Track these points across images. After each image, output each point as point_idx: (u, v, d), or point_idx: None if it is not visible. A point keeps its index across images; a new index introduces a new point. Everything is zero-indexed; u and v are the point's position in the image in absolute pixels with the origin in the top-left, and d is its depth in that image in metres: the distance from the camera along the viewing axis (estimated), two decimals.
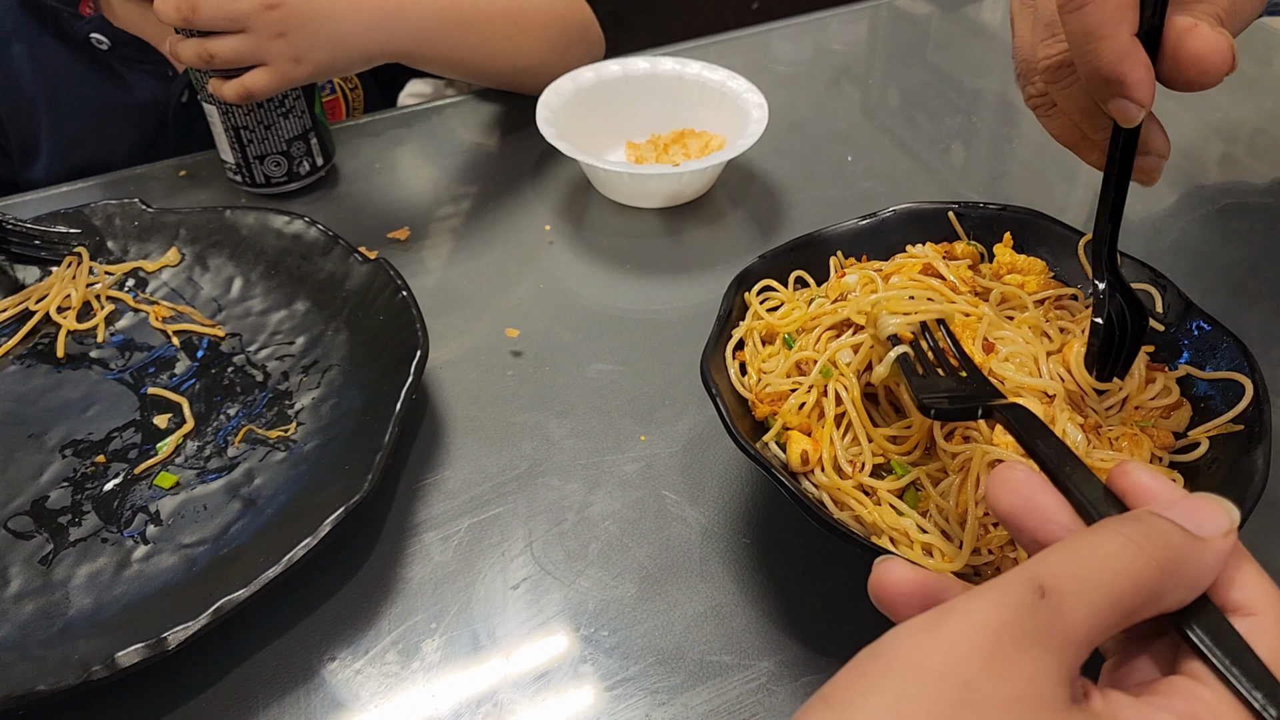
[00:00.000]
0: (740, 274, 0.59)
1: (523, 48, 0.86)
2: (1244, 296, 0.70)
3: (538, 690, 0.48)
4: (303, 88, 0.77)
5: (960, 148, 0.88)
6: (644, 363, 0.66)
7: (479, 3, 0.82)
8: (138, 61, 0.85)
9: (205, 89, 0.75)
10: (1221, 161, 0.84)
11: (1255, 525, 0.53)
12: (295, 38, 0.71)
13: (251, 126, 0.76)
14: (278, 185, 0.80)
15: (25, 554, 0.54)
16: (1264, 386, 0.51)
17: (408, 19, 0.77)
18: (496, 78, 0.89)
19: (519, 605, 0.52)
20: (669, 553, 0.54)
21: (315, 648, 0.50)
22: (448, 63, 0.83)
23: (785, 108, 0.89)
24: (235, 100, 0.72)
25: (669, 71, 0.85)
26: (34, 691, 0.44)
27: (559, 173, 0.83)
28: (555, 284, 0.73)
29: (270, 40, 0.71)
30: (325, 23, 0.73)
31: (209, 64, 0.71)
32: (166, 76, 0.85)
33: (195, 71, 0.74)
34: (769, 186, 0.82)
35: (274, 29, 0.70)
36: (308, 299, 0.67)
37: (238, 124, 0.76)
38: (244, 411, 0.61)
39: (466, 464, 0.59)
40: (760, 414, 0.54)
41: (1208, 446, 0.51)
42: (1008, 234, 0.62)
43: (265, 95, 0.73)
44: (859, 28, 1.06)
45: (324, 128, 0.81)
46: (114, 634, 0.48)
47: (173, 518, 0.55)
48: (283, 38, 0.71)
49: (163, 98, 0.85)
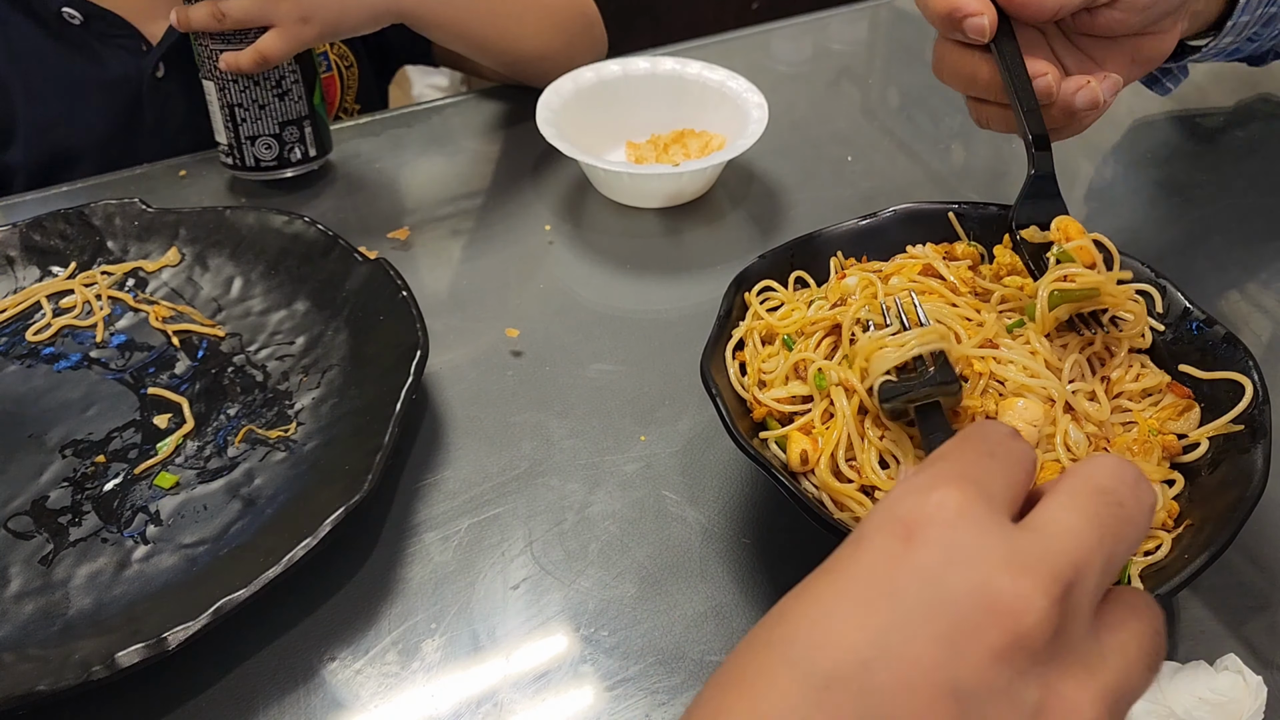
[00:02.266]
0: (740, 274, 0.59)
1: (529, 29, 0.87)
2: (1244, 296, 0.70)
3: (538, 690, 0.48)
4: (303, 73, 0.77)
5: (960, 148, 0.88)
6: (644, 363, 0.66)
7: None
8: (110, 36, 0.84)
9: (208, 63, 0.75)
10: (1220, 162, 0.84)
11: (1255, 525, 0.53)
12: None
13: (246, 105, 0.76)
14: (267, 170, 0.79)
15: (25, 554, 0.54)
16: (1264, 386, 0.51)
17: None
18: (499, 57, 0.89)
19: (519, 605, 0.52)
20: (669, 553, 0.54)
21: (315, 648, 0.50)
22: (453, 30, 0.84)
23: (785, 108, 0.89)
24: (252, 68, 0.73)
25: (669, 71, 0.85)
26: (34, 691, 0.44)
27: (559, 173, 0.83)
28: (555, 284, 0.73)
29: (278, 1, 0.72)
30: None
31: (221, 24, 0.72)
32: (140, 51, 0.85)
33: (200, 47, 0.75)
34: (769, 186, 0.82)
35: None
36: (308, 299, 0.67)
37: (232, 102, 0.76)
38: (244, 411, 0.61)
39: (466, 464, 0.59)
40: (760, 414, 0.54)
41: (1208, 446, 0.51)
42: (1007, 235, 0.62)
43: (280, 58, 0.74)
44: (859, 28, 1.06)
45: (321, 121, 0.80)
46: (114, 634, 0.48)
47: (173, 518, 0.55)
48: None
49: (135, 73, 0.85)
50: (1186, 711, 0.43)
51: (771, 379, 0.54)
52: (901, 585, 0.25)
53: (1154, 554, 0.47)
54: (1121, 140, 0.87)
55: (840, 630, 0.25)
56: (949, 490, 0.26)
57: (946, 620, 0.24)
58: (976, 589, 0.25)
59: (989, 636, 0.24)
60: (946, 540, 0.26)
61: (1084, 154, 0.86)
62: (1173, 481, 0.50)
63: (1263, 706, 0.44)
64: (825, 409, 0.52)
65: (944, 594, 0.25)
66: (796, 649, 0.25)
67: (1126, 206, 0.80)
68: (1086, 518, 0.27)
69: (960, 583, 0.25)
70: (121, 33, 0.85)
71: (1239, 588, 0.52)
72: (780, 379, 0.54)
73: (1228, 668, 0.45)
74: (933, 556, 0.25)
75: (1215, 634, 0.50)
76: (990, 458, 0.28)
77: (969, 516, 0.26)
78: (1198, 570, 0.44)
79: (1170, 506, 0.49)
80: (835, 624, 0.25)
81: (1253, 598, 0.51)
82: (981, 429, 0.30)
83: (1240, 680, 0.44)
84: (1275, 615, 0.51)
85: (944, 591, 0.25)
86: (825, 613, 0.26)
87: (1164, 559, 0.47)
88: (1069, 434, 0.49)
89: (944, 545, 0.26)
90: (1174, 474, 0.50)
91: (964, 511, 0.26)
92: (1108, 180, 0.84)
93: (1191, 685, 0.44)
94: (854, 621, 0.25)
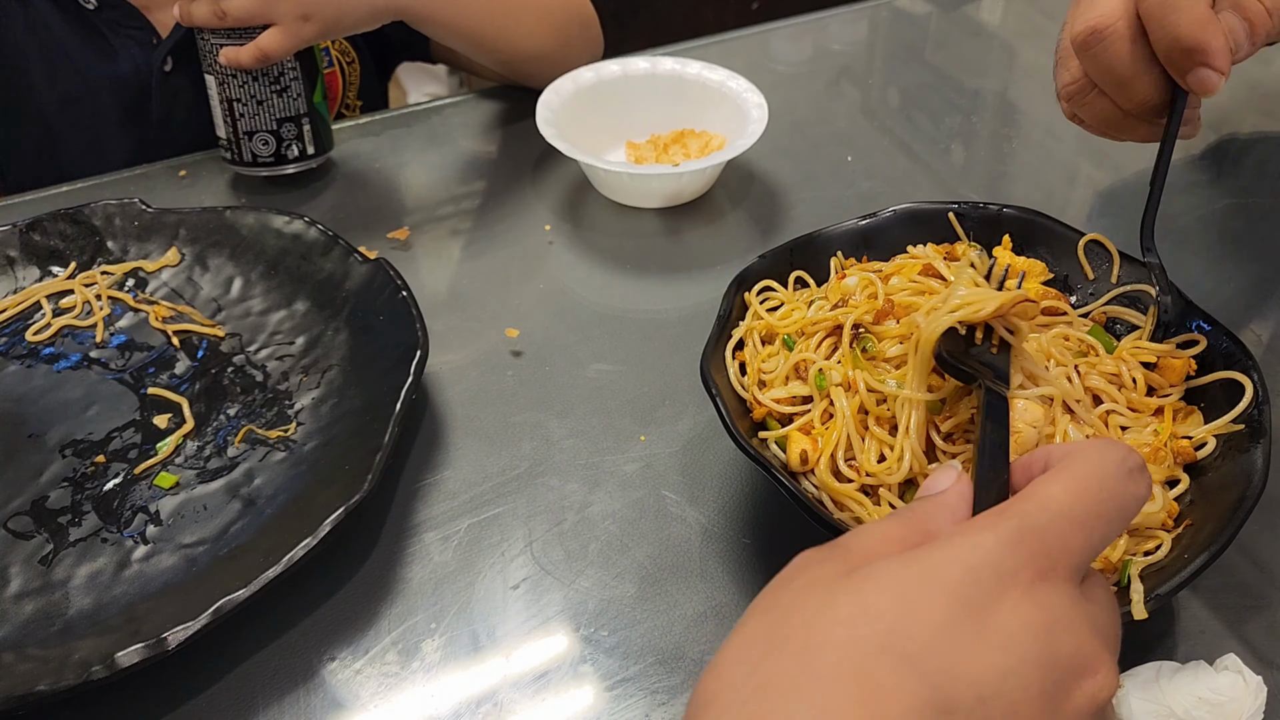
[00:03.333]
0: (740, 274, 0.59)
1: (527, 29, 0.87)
2: (1244, 296, 0.70)
3: (538, 690, 0.48)
4: (304, 70, 0.77)
5: (960, 148, 0.88)
6: (644, 363, 0.66)
7: None
8: (122, 25, 0.85)
9: (209, 57, 0.75)
10: (1221, 161, 0.84)
11: (1255, 525, 0.53)
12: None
13: (244, 100, 0.76)
14: (265, 165, 0.80)
15: (25, 554, 0.54)
16: (1264, 386, 0.51)
17: None
18: (496, 56, 0.89)
19: (519, 605, 0.52)
20: (669, 553, 0.54)
21: (315, 648, 0.50)
22: (452, 28, 0.84)
23: (785, 108, 0.89)
24: (252, 64, 0.74)
25: (669, 71, 0.85)
26: (34, 691, 0.44)
27: (559, 173, 0.83)
28: (555, 284, 0.73)
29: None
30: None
31: (222, 20, 0.72)
32: (150, 44, 0.85)
33: (202, 41, 0.75)
34: (769, 186, 0.82)
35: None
36: (308, 299, 0.67)
37: (232, 96, 0.76)
38: (244, 411, 0.61)
39: (466, 464, 0.59)
40: (760, 414, 0.54)
41: (1216, 444, 0.51)
42: (1007, 236, 0.62)
43: (280, 55, 0.74)
44: (859, 28, 1.06)
45: (321, 119, 0.80)
46: (114, 634, 0.48)
47: (173, 518, 0.55)
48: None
49: (144, 66, 0.85)
50: (1186, 711, 0.43)
51: (771, 379, 0.54)
52: (1013, 631, 0.28)
53: (1154, 554, 0.47)
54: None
55: (967, 664, 0.27)
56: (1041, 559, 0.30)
57: (1052, 676, 0.28)
58: (1074, 652, 0.28)
59: (1078, 697, 0.28)
60: (1043, 599, 0.29)
61: (1084, 154, 0.86)
62: (1177, 481, 0.50)
63: (1262, 706, 0.44)
64: (825, 409, 0.52)
65: (1049, 651, 0.28)
66: (915, 663, 0.27)
67: (1126, 207, 0.80)
68: (1103, 538, 0.31)
69: (1062, 643, 0.28)
70: (133, 23, 0.85)
71: (1239, 588, 0.52)
72: (780, 379, 0.54)
73: (1227, 668, 0.45)
74: (1036, 613, 0.28)
75: (1215, 634, 0.50)
76: (1100, 520, 0.31)
77: (1061, 585, 0.30)
78: (1198, 570, 0.44)
79: (1170, 506, 0.49)
80: (953, 647, 0.28)
81: (1252, 597, 0.51)
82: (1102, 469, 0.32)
83: (1240, 680, 0.44)
84: (1275, 615, 0.51)
85: (1049, 649, 0.28)
86: (939, 630, 0.28)
87: (1164, 559, 0.47)
88: (1069, 434, 0.49)
89: (1042, 603, 0.29)
90: (1180, 474, 0.50)
91: (1053, 579, 0.30)
92: (1108, 180, 0.84)
93: (1191, 685, 0.44)
94: (981, 660, 0.28)
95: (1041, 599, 0.29)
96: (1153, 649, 0.49)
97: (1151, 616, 0.43)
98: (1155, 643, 0.49)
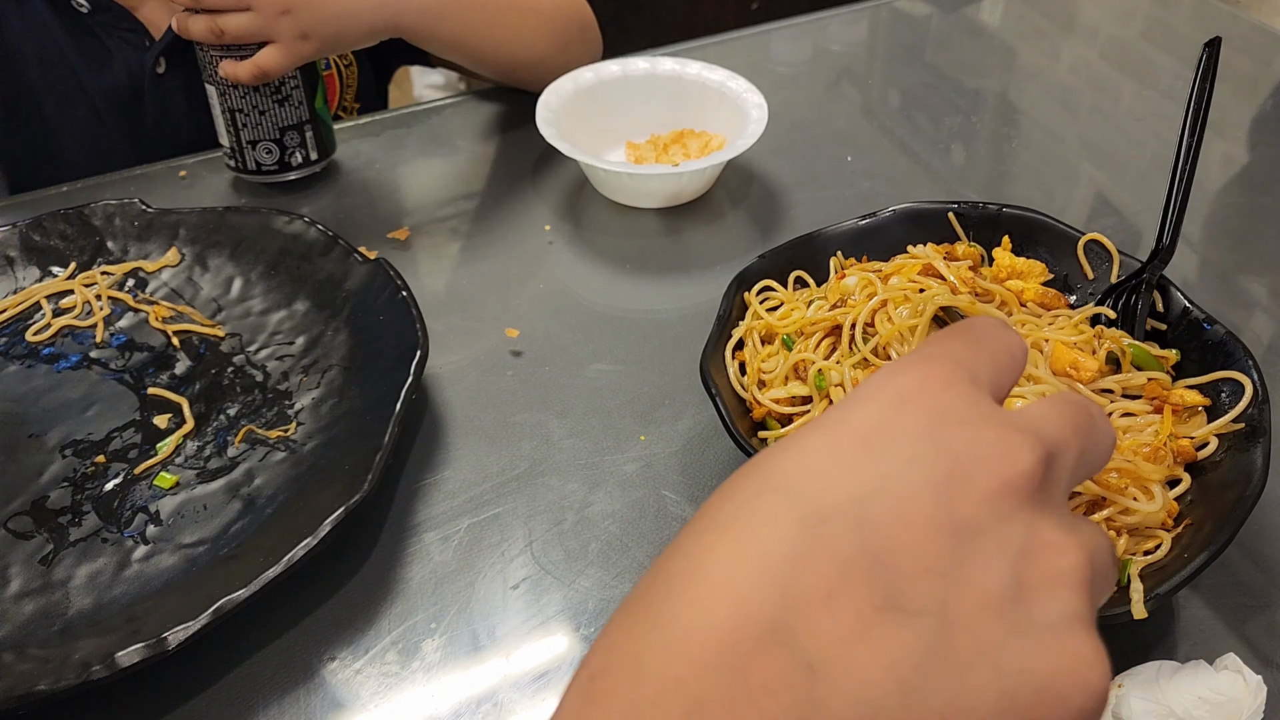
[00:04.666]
0: (740, 274, 0.59)
1: (525, 38, 0.87)
2: (1244, 296, 0.70)
3: (538, 690, 0.48)
4: (304, 79, 0.77)
5: (960, 148, 0.88)
6: (644, 363, 0.66)
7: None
8: (115, 27, 0.85)
9: (210, 69, 0.75)
10: (1221, 161, 0.84)
11: (1255, 525, 0.53)
12: (301, 14, 0.73)
13: (246, 110, 0.76)
14: (269, 173, 0.80)
15: (25, 554, 0.54)
16: (1264, 386, 0.51)
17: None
18: (496, 66, 0.89)
19: (519, 605, 0.52)
20: None
21: (315, 648, 0.50)
22: (450, 44, 0.84)
23: (785, 108, 0.89)
24: (250, 80, 0.73)
25: (669, 71, 0.85)
26: (34, 691, 0.44)
27: (559, 173, 0.83)
28: (555, 284, 0.73)
29: (276, 18, 0.72)
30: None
31: (219, 39, 0.72)
32: (143, 46, 0.85)
33: (202, 53, 0.75)
34: (769, 186, 0.82)
35: (279, 6, 0.72)
36: (308, 299, 0.67)
37: (233, 107, 0.76)
38: (244, 411, 0.61)
39: (466, 464, 0.59)
40: (759, 414, 0.54)
41: (1218, 443, 0.51)
42: (1006, 237, 0.62)
43: (279, 73, 0.74)
44: (859, 28, 1.06)
45: (324, 124, 0.81)
46: (114, 634, 0.48)
47: (173, 518, 0.55)
48: (288, 15, 0.72)
49: (137, 68, 0.85)
50: (1186, 711, 0.43)
51: (771, 379, 0.54)
52: (895, 440, 0.26)
53: (1154, 554, 0.47)
54: (1122, 141, 0.87)
55: (836, 474, 0.26)
56: (937, 365, 0.28)
57: (940, 468, 0.25)
58: (968, 441, 0.26)
59: (979, 480, 0.25)
60: (936, 404, 0.27)
61: (1085, 154, 0.86)
62: (1177, 481, 0.50)
63: (1262, 706, 0.44)
64: (824, 409, 0.52)
65: (937, 447, 0.26)
66: (790, 490, 0.26)
67: (1126, 207, 0.80)
68: (1062, 412, 0.28)
69: (952, 438, 0.26)
70: (125, 25, 0.85)
71: (1239, 587, 0.52)
72: (780, 379, 0.54)
73: (1227, 667, 0.45)
74: (923, 418, 0.27)
75: (1215, 633, 0.50)
76: (978, 343, 0.29)
77: (957, 387, 0.27)
78: (1198, 569, 0.44)
79: (1170, 506, 0.49)
80: (831, 469, 0.26)
81: (1252, 597, 0.51)
82: (971, 320, 0.31)
83: (1240, 679, 0.44)
84: (1275, 614, 0.51)
85: (936, 445, 0.26)
86: (820, 460, 0.26)
87: (1164, 558, 0.47)
88: None
89: (934, 409, 0.27)
90: (1180, 473, 0.50)
91: (951, 382, 0.27)
92: (1108, 180, 0.84)
93: (1191, 685, 0.44)
94: (851, 467, 0.26)
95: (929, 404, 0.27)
96: (1153, 648, 0.49)
97: (1151, 616, 0.43)
98: (1155, 642, 0.49)
